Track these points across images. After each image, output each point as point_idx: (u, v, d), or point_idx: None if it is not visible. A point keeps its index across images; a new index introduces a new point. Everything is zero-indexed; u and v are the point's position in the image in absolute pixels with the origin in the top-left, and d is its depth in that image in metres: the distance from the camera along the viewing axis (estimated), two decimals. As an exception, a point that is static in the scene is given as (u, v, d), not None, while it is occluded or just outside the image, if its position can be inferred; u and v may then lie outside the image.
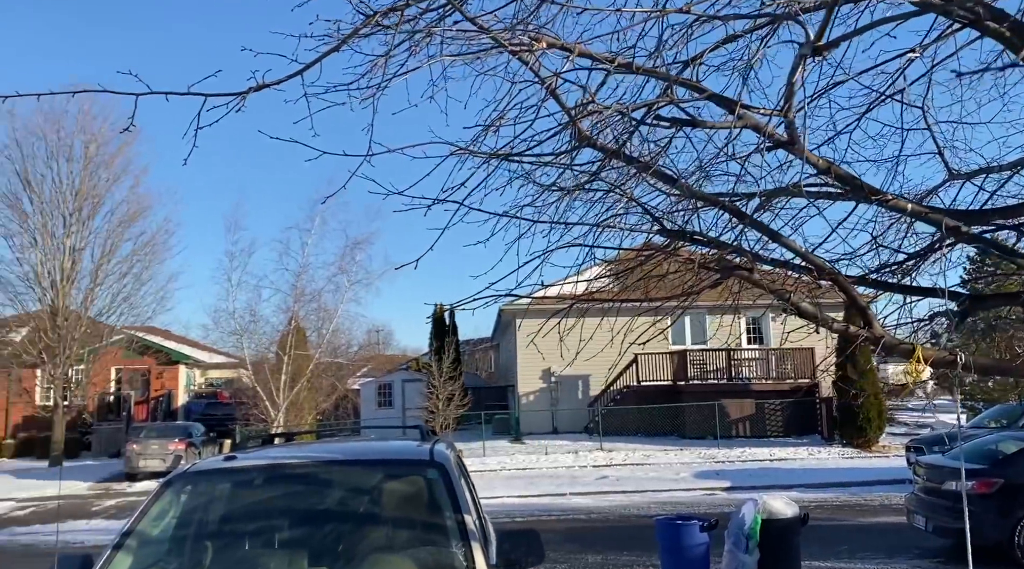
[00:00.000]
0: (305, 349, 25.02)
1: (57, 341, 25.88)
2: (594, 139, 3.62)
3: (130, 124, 2.64)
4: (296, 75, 2.73)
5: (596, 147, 3.70)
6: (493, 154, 3.77)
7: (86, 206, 26.59)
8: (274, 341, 25.45)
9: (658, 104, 3.19)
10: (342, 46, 2.76)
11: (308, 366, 24.71)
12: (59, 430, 26.31)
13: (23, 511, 18.21)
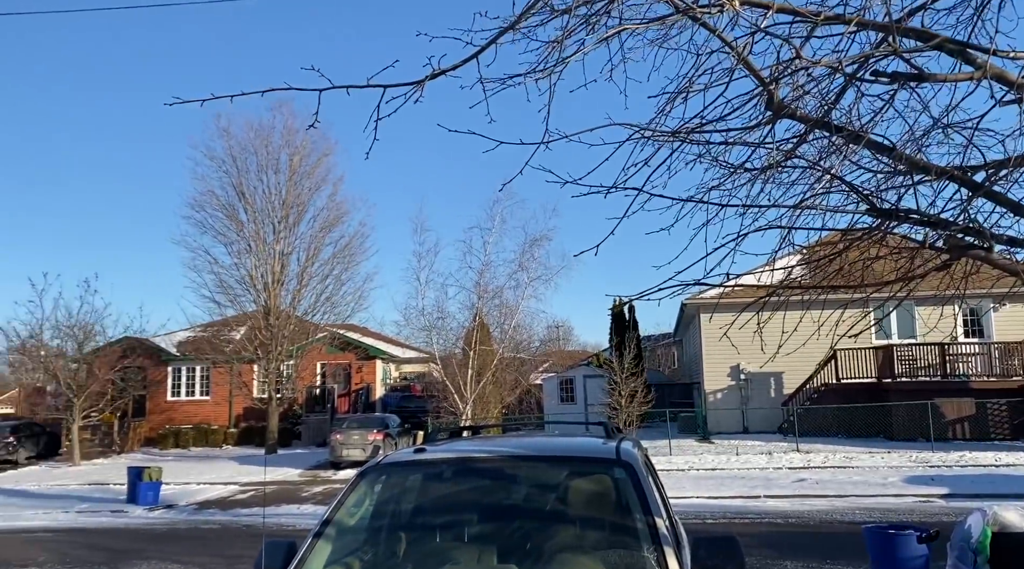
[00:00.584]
0: (489, 344, 25.68)
1: (270, 339, 28.30)
2: (793, 108, 3.27)
3: (314, 120, 2.69)
4: (471, 59, 2.65)
5: (795, 117, 3.34)
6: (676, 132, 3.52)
7: (292, 214, 28.87)
8: (460, 336, 26.32)
9: (876, 56, 2.78)
10: (519, 22, 2.64)
11: (492, 361, 25.33)
12: (273, 421, 28.76)
13: (244, 494, 20.02)
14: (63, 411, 30.12)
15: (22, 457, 30.11)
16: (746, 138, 3.92)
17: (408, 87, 2.64)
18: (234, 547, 13.23)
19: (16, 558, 12.92)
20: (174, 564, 11.93)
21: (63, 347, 30.05)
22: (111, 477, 23.72)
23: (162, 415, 33.83)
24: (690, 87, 3.25)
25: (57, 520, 17.17)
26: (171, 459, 27.28)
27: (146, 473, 18.56)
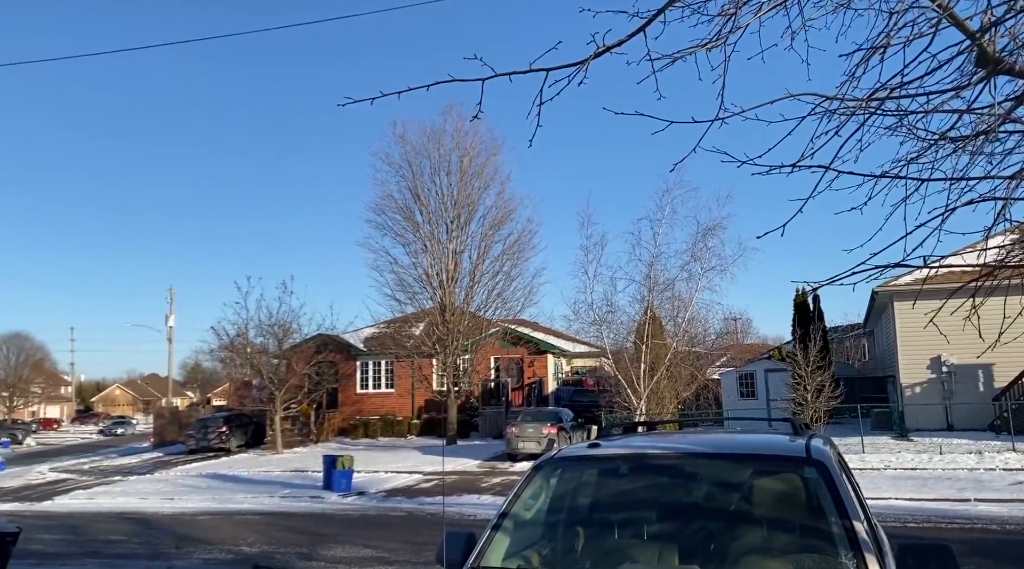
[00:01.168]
0: (661, 338, 25.14)
1: (446, 334, 29.38)
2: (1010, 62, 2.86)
3: (477, 110, 2.67)
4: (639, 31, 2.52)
5: (1013, 73, 2.92)
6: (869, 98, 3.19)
7: (463, 213, 29.80)
8: (631, 330, 25.97)
9: None
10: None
11: (666, 355, 24.78)
12: (452, 413, 29.85)
13: (428, 483, 20.89)
14: (267, 403, 32.88)
15: (233, 445, 33.21)
16: (949, 104, 3.51)
17: (571, 68, 2.55)
18: (420, 534, 13.81)
19: (229, 538, 14.21)
20: (366, 549, 12.62)
21: (265, 344, 32.80)
22: (309, 464, 25.58)
23: (352, 406, 36.09)
24: (888, 42, 2.92)
25: (263, 504, 18.73)
26: (361, 448, 28.99)
27: (339, 461, 19.82)
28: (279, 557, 12.18)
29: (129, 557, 12.70)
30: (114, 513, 18.19)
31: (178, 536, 14.55)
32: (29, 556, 12.48)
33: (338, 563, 11.58)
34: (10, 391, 72.19)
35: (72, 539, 14.77)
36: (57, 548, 13.78)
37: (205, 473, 25.10)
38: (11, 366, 73.83)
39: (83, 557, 12.83)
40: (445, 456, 26.20)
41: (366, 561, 11.65)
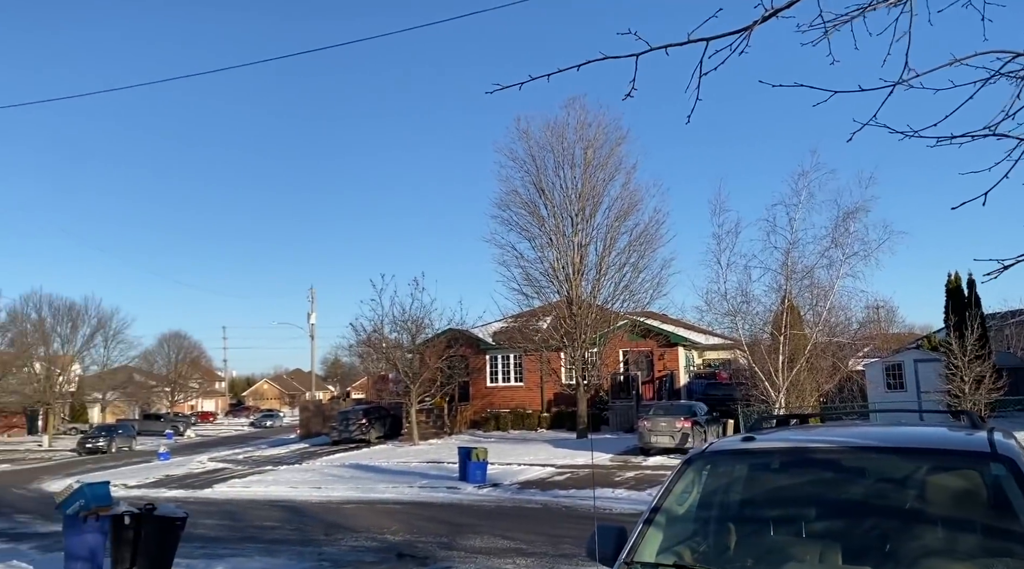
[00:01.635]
0: (800, 328, 24.06)
1: (574, 327, 29.32)
2: None
3: (631, 88, 2.56)
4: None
5: None
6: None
7: (588, 205, 29.62)
8: (767, 321, 25.00)
9: None
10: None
11: (805, 346, 23.70)
12: (582, 406, 29.77)
13: (561, 476, 20.92)
14: (403, 396, 33.98)
15: (373, 436, 34.52)
16: None
17: (734, 37, 2.40)
18: (556, 527, 13.85)
19: (374, 526, 14.75)
20: (503, 540, 12.77)
21: (400, 339, 33.88)
22: (444, 456, 26.22)
23: (483, 400, 36.72)
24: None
25: (403, 494, 19.34)
26: (493, 440, 29.42)
27: (474, 453, 20.19)
28: (421, 546, 12.52)
29: (283, 542, 13.41)
30: (267, 501, 19.30)
31: (326, 523, 15.25)
32: (195, 540, 13.41)
33: (477, 553, 11.77)
34: (171, 386, 78.16)
35: (231, 524, 15.77)
36: (218, 533, 14.75)
37: (348, 463, 26.22)
38: (171, 363, 79.89)
39: (242, 542, 13.66)
40: (575, 450, 26.13)
41: (504, 552, 11.78)
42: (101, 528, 10.36)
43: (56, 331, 57.33)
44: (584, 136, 29.50)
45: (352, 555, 12.04)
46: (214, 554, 12.23)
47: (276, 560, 11.76)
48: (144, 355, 76.28)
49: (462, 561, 11.24)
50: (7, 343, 53.71)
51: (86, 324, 59.32)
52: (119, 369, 66.20)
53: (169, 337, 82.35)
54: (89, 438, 42.89)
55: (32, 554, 12.91)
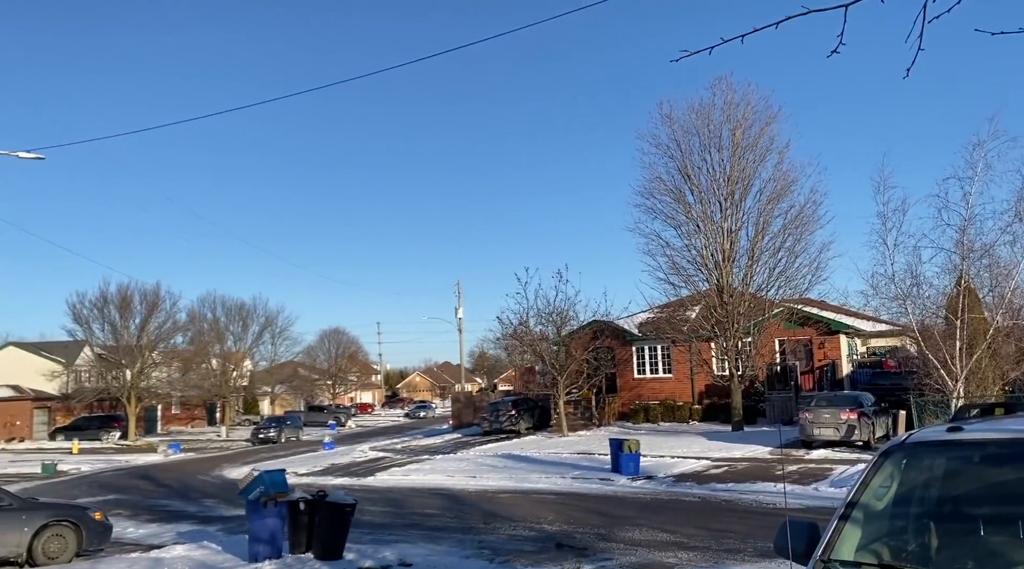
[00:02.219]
0: (979, 312, 22.07)
1: (725, 316, 28.33)
2: None
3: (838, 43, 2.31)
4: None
5: None
6: None
7: (737, 189, 28.49)
8: (941, 305, 23.11)
9: None
10: None
11: (985, 330, 21.72)
12: (736, 398, 28.75)
13: (718, 469, 20.27)
14: (550, 388, 34.16)
15: (522, 427, 34.95)
16: None
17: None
18: (717, 520, 13.40)
19: (530, 515, 14.85)
20: (662, 533, 12.49)
21: (545, 331, 34.05)
22: (594, 447, 26.09)
23: (631, 391, 36.27)
24: None
25: (556, 484, 19.39)
26: (643, 433, 28.98)
27: (626, 445, 19.94)
28: (579, 537, 12.47)
29: (444, 530, 13.76)
30: (426, 489, 19.93)
31: (484, 512, 15.53)
32: (361, 525, 14.01)
33: (636, 545, 11.57)
34: (332, 379, 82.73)
35: (394, 511, 16.39)
36: (383, 519, 15.36)
37: (500, 453, 26.65)
38: (331, 357, 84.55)
39: (406, 528, 14.15)
40: (731, 442, 25.28)
41: (664, 545, 11.51)
42: (279, 513, 11.02)
43: (229, 329, 62.10)
44: (732, 117, 28.39)
45: (511, 544, 12.17)
46: (380, 540, 12.73)
47: (439, 547, 12.08)
48: (307, 350, 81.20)
49: (622, 553, 11.09)
50: (187, 341, 58.61)
51: (255, 322, 63.86)
52: (285, 364, 70.84)
53: (329, 333, 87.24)
54: (261, 429, 46.06)
55: (219, 536, 13.94)
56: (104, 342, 53.14)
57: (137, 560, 11.44)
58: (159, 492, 22.67)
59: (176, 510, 18.58)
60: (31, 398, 52.78)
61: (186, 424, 64.33)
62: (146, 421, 56.86)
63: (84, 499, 20.84)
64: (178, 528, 15.49)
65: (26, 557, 11.52)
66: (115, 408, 53.20)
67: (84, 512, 12.45)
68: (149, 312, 52.59)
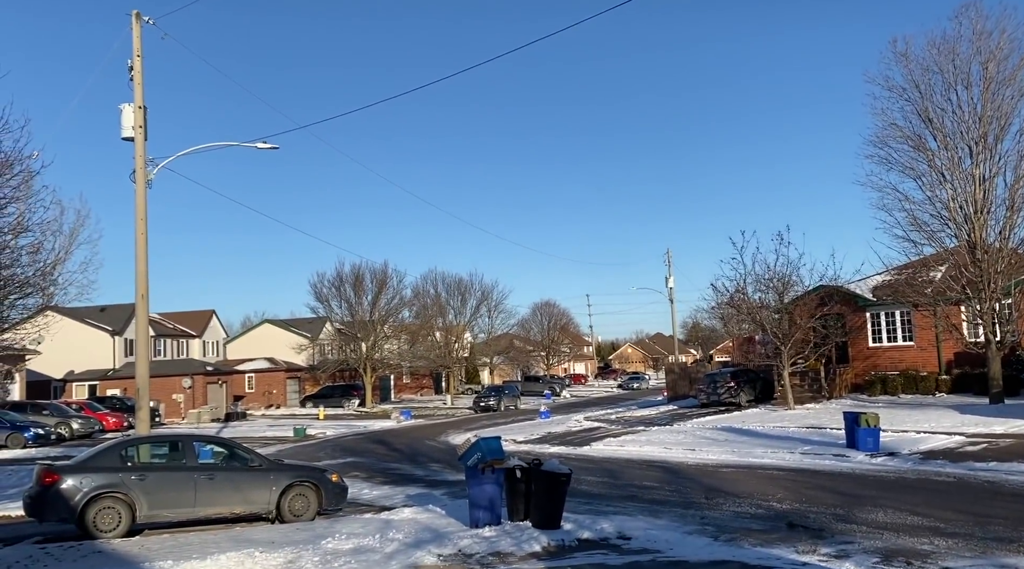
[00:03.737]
0: None
1: (979, 276, 24.99)
2: None
3: None
4: None
5: None
6: None
7: (991, 131, 24.88)
8: None
9: None
10: None
11: None
12: (995, 367, 25.37)
13: (975, 446, 17.92)
14: (772, 358, 32.23)
15: (743, 400, 33.38)
16: None
17: None
18: (978, 504, 11.72)
19: (756, 492, 13.92)
20: (913, 516, 11.12)
21: (765, 299, 32.10)
22: (824, 421, 24.22)
23: (865, 361, 33.31)
24: None
25: (784, 459, 18.13)
26: (880, 406, 26.47)
27: (863, 419, 18.18)
28: (813, 516, 11.44)
29: (663, 503, 13.26)
30: (642, 460, 19.49)
31: (705, 487, 14.81)
32: (577, 495, 13.88)
33: (881, 529, 10.37)
34: (546, 351, 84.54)
35: (611, 482, 16.12)
36: (599, 490, 15.14)
37: (720, 426, 25.54)
38: (544, 330, 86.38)
39: (623, 500, 13.81)
40: (989, 416, 22.27)
41: (915, 530, 10.21)
42: (496, 480, 11.09)
43: (449, 304, 65.30)
44: (983, 48, 24.70)
45: (737, 521, 11.42)
46: (598, 511, 12.49)
47: (658, 521, 11.61)
48: (521, 323, 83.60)
49: (865, 536, 9.97)
50: (413, 316, 62.44)
51: (472, 297, 66.64)
52: (501, 336, 73.40)
53: (541, 306, 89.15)
54: (482, 398, 48.02)
55: (444, 499, 14.45)
56: (342, 318, 57.96)
57: (370, 521, 12.06)
58: (391, 456, 24.18)
59: (406, 474, 19.65)
60: (284, 369, 58.94)
61: (415, 392, 68.82)
62: (381, 390, 61.48)
63: (327, 461, 22.71)
64: (407, 491, 16.31)
65: (275, 514, 12.57)
66: (354, 378, 58.00)
67: (323, 474, 13.37)
68: (379, 289, 56.54)
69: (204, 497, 12.13)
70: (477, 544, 10.11)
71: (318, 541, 10.41)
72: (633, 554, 9.46)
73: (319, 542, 10.34)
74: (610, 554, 9.54)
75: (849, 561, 8.71)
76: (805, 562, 8.74)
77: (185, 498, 12.00)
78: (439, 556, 9.63)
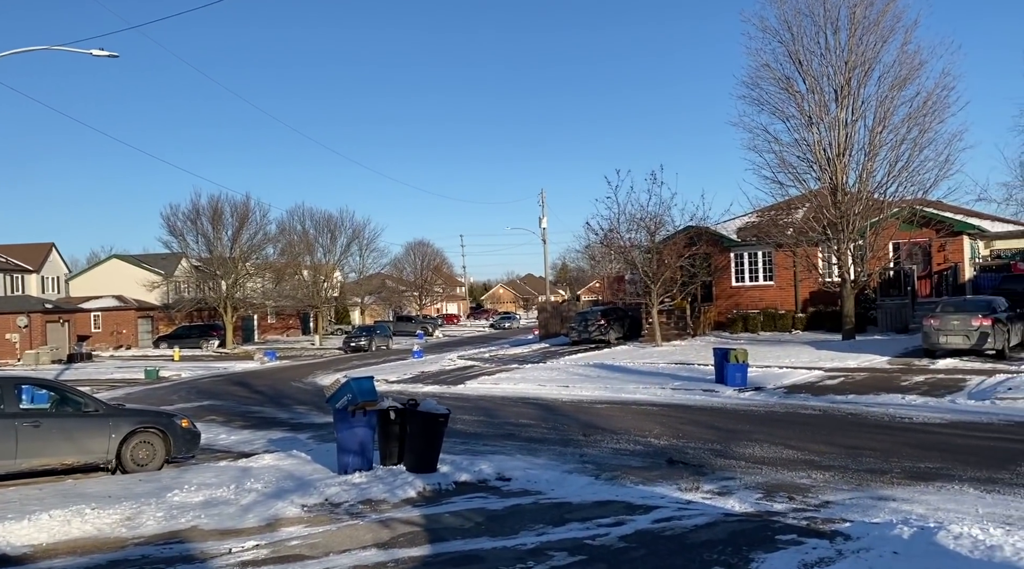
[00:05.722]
0: None
1: (839, 217, 25.99)
2: None
3: None
4: None
5: None
6: None
7: (855, 76, 25.60)
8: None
9: None
10: None
11: None
12: (848, 305, 26.69)
13: (833, 380, 18.69)
14: (641, 297, 32.74)
15: (612, 337, 33.87)
16: None
17: None
18: (847, 436, 11.99)
19: (633, 428, 13.78)
20: (787, 449, 11.21)
21: (636, 238, 32.38)
22: (692, 357, 24.81)
23: (728, 300, 34.47)
24: None
25: (656, 395, 18.26)
26: (742, 343, 27.40)
27: (732, 355, 18.53)
28: (691, 452, 11.33)
29: (541, 442, 12.86)
30: (518, 398, 19.14)
31: (582, 423, 14.56)
32: (455, 435, 13.27)
33: (759, 463, 10.35)
34: (419, 291, 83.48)
35: (487, 421, 15.62)
36: (476, 429, 14.60)
37: (592, 363, 25.67)
38: (417, 269, 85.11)
39: (501, 439, 13.32)
40: (843, 351, 23.46)
41: (792, 463, 10.25)
42: (368, 422, 10.24)
43: (318, 241, 62.62)
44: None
45: (616, 459, 11.14)
46: (475, 451, 11.92)
47: (537, 460, 11.17)
48: (393, 262, 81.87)
49: (745, 471, 9.89)
50: (278, 253, 59.50)
51: (343, 234, 64.19)
52: (373, 276, 71.54)
53: (414, 245, 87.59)
54: (352, 338, 46.62)
55: (310, 443, 13.46)
56: (199, 254, 54.40)
57: (226, 469, 10.95)
58: (253, 398, 22.76)
59: (269, 417, 18.42)
60: (135, 308, 54.94)
61: (281, 333, 66.20)
62: (243, 330, 58.60)
63: (182, 404, 21.06)
64: (269, 435, 15.17)
65: (116, 464, 11.21)
66: (213, 318, 54.89)
67: (171, 419, 12.05)
68: (240, 224, 53.31)
69: (28, 447, 10.60)
70: (346, 491, 9.27)
71: (163, 494, 9.26)
72: (514, 497, 8.92)
73: (164, 495, 9.19)
74: (490, 497, 8.96)
75: (732, 498, 8.52)
76: (689, 500, 8.47)
77: (4, 449, 10.43)
78: (303, 506, 8.73)
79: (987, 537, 5.86)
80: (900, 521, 6.79)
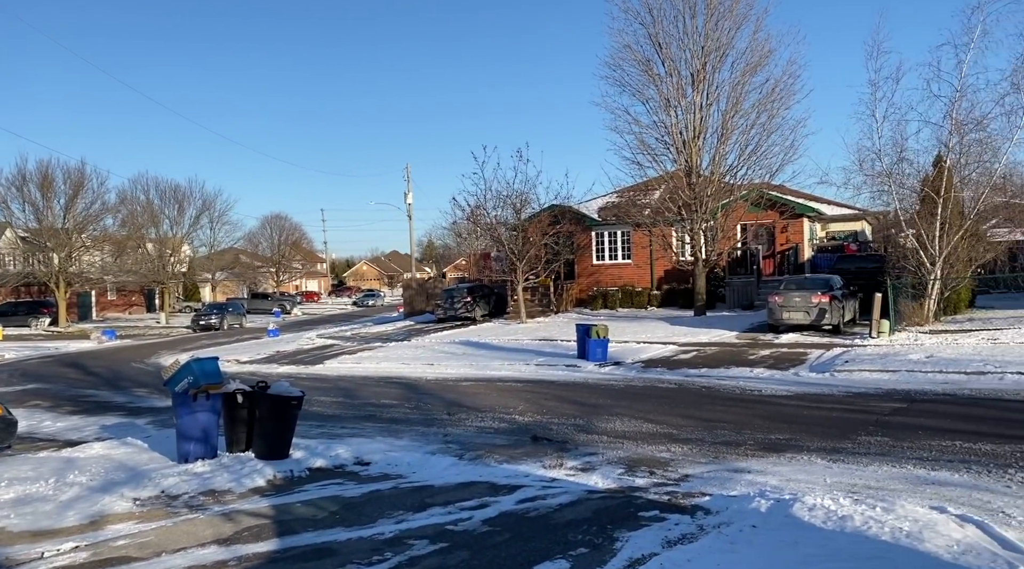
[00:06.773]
0: (957, 191, 21.14)
1: (693, 198, 26.92)
2: None
3: None
4: None
5: None
6: None
7: (711, 61, 26.49)
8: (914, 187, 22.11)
9: None
10: None
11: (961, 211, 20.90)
12: (700, 282, 27.79)
13: (687, 355, 19.32)
14: (507, 274, 32.75)
15: (478, 315, 33.72)
16: None
17: None
18: (702, 409, 12.32)
19: (498, 405, 13.60)
20: (647, 423, 11.35)
21: (502, 215, 32.30)
22: (555, 334, 25.04)
23: (589, 277, 35.16)
24: None
25: (521, 371, 18.22)
26: (602, 319, 28.01)
27: (593, 331, 18.76)
28: (555, 429, 11.26)
29: (404, 422, 12.42)
30: (380, 377, 18.57)
31: (446, 402, 14.23)
32: (311, 417, 12.60)
33: (621, 438, 10.40)
34: (276, 267, 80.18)
35: (346, 402, 14.99)
36: (334, 410, 13.96)
37: (458, 340, 25.39)
38: (274, 244, 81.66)
39: (360, 421, 12.77)
40: (695, 327, 24.41)
41: (653, 437, 10.36)
42: (212, 407, 9.42)
43: (164, 213, 58.59)
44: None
45: (481, 437, 10.89)
46: (332, 434, 11.33)
47: (399, 441, 10.74)
48: (248, 236, 78.16)
49: (607, 446, 9.89)
50: (119, 224, 55.24)
51: (192, 206, 60.36)
52: (226, 250, 67.83)
53: (271, 219, 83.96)
54: (202, 316, 44.07)
55: (148, 429, 12.39)
56: (26, 224, 49.58)
57: (45, 461, 9.79)
58: (87, 381, 20.90)
59: (103, 401, 16.88)
60: (-50, 283, 49.44)
61: (123, 311, 61.74)
62: (79, 307, 54.21)
63: (2, 388, 19.01)
64: (103, 421, 13.84)
65: (-89, 459, 9.79)
66: (44, 294, 50.34)
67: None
68: (74, 192, 48.91)
69: None
70: (186, 482, 8.48)
71: (-33, 493, 8.12)
72: (373, 482, 8.46)
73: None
74: (346, 483, 8.45)
75: (595, 474, 8.47)
76: (553, 478, 8.33)
77: None
78: (135, 500, 7.88)
79: (838, 507, 6.00)
80: (757, 494, 6.89)
